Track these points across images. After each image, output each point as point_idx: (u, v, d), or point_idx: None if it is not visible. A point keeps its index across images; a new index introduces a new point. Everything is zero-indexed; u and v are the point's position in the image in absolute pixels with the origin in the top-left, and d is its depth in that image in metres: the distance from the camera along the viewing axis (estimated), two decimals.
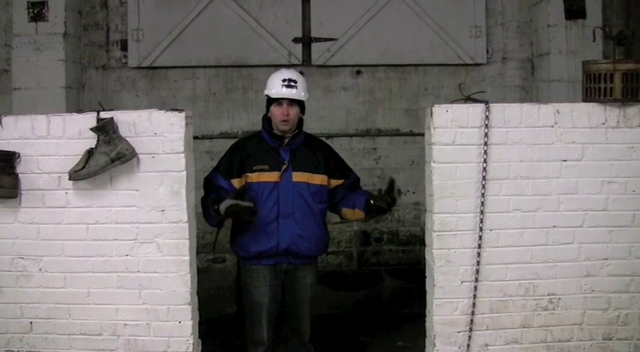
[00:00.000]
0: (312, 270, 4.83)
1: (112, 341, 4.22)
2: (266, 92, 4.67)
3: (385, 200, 4.55)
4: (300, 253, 4.63)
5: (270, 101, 4.63)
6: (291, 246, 4.60)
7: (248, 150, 4.66)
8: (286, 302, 4.82)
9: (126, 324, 4.21)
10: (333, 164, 4.80)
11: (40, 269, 4.19)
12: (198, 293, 4.35)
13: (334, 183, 4.75)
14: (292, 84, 4.58)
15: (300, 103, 4.63)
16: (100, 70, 7.01)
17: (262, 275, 4.67)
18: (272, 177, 4.58)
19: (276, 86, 4.59)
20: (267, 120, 4.70)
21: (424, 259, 4.50)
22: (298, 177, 4.63)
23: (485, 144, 4.15)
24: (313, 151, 4.73)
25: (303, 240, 4.63)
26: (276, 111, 4.58)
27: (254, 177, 4.58)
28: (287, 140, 4.62)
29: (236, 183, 4.60)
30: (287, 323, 4.93)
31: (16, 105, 6.33)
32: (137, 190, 4.13)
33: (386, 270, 7.37)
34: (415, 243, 7.29)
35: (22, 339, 4.24)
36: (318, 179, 4.69)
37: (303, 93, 4.63)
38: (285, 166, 4.60)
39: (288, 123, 4.58)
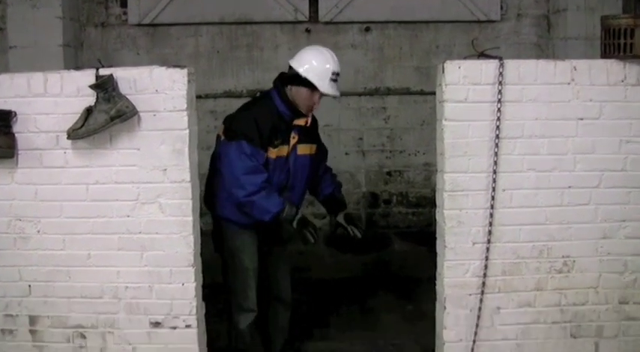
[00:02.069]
0: None
1: (113, 304, 4.14)
2: (305, 74, 4.28)
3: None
4: None
5: (302, 80, 4.30)
6: None
7: (272, 123, 4.36)
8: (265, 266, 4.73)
9: (127, 287, 4.13)
10: (317, 130, 4.75)
11: (39, 231, 4.10)
12: (201, 256, 4.24)
13: None
14: (337, 77, 4.36)
15: None
16: (99, 27, 6.91)
17: (251, 240, 4.57)
18: (284, 151, 4.44)
19: (324, 77, 4.28)
20: (283, 86, 4.41)
21: (434, 221, 4.39)
22: (303, 149, 4.52)
23: (499, 101, 4.01)
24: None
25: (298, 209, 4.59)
26: (306, 95, 4.32)
27: (276, 151, 4.39)
28: (308, 120, 4.45)
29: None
30: (270, 288, 4.82)
31: (12, 65, 6.26)
32: (138, 149, 4.01)
33: (395, 233, 7.31)
34: (425, 205, 7.24)
35: (21, 303, 4.17)
36: (314, 148, 4.63)
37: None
38: (295, 140, 4.46)
39: (312, 110, 4.41)
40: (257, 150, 4.29)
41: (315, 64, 4.33)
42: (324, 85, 4.29)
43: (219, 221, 4.62)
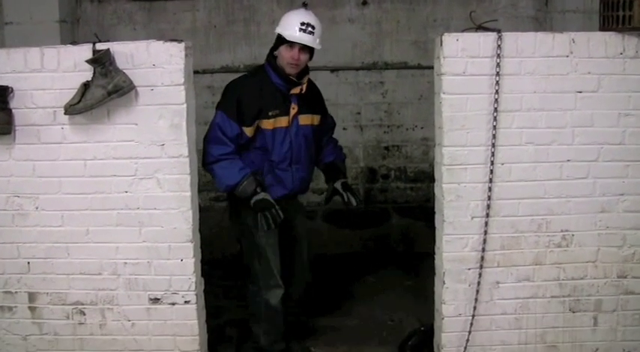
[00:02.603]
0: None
1: (112, 280, 4.15)
2: (279, 30, 4.35)
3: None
4: (302, 193, 4.60)
5: (281, 40, 4.34)
6: (300, 189, 4.57)
7: (262, 95, 4.35)
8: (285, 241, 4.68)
9: (126, 263, 4.13)
10: (321, 102, 4.73)
11: (37, 208, 4.09)
12: (200, 231, 4.24)
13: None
14: (310, 30, 4.29)
15: (311, 49, 4.37)
16: (95, 2, 6.85)
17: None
18: (284, 122, 4.41)
19: (292, 28, 4.28)
20: (274, 58, 4.42)
21: (433, 196, 4.38)
22: (304, 119, 4.50)
23: (497, 74, 3.97)
24: (311, 90, 4.58)
25: (306, 181, 4.64)
26: (285, 54, 4.32)
27: (271, 123, 4.37)
28: (302, 87, 4.40)
29: (248, 131, 4.34)
30: (293, 264, 4.78)
31: (9, 41, 6.20)
32: (136, 124, 3.99)
33: (393, 208, 7.30)
34: (424, 180, 7.23)
35: (20, 280, 4.18)
36: (317, 119, 4.61)
37: (318, 41, 4.35)
38: (295, 110, 4.44)
39: (296, 68, 4.35)
40: (230, 121, 4.29)
41: (285, 19, 4.37)
42: (293, 34, 4.27)
43: (232, 197, 4.61)
